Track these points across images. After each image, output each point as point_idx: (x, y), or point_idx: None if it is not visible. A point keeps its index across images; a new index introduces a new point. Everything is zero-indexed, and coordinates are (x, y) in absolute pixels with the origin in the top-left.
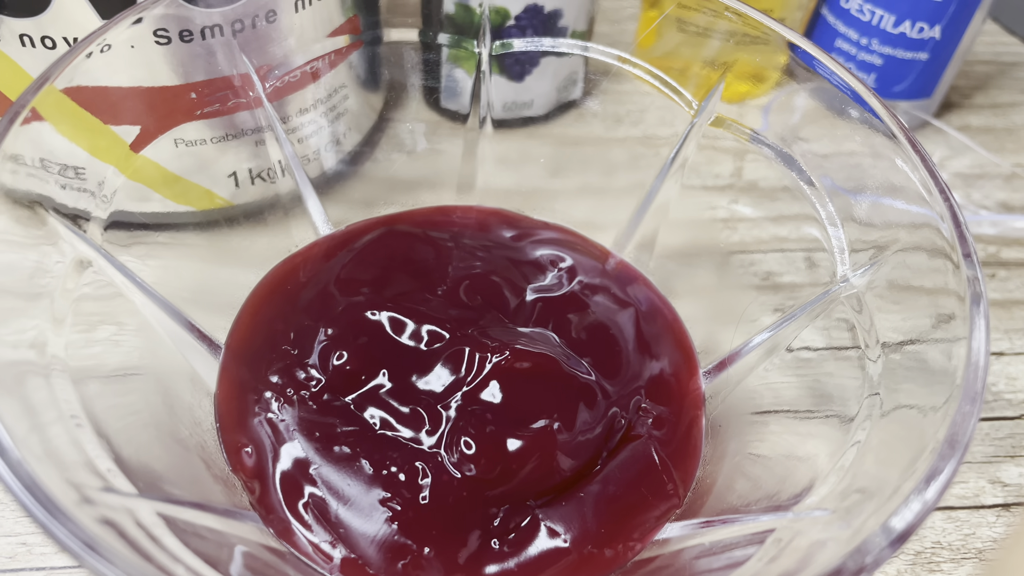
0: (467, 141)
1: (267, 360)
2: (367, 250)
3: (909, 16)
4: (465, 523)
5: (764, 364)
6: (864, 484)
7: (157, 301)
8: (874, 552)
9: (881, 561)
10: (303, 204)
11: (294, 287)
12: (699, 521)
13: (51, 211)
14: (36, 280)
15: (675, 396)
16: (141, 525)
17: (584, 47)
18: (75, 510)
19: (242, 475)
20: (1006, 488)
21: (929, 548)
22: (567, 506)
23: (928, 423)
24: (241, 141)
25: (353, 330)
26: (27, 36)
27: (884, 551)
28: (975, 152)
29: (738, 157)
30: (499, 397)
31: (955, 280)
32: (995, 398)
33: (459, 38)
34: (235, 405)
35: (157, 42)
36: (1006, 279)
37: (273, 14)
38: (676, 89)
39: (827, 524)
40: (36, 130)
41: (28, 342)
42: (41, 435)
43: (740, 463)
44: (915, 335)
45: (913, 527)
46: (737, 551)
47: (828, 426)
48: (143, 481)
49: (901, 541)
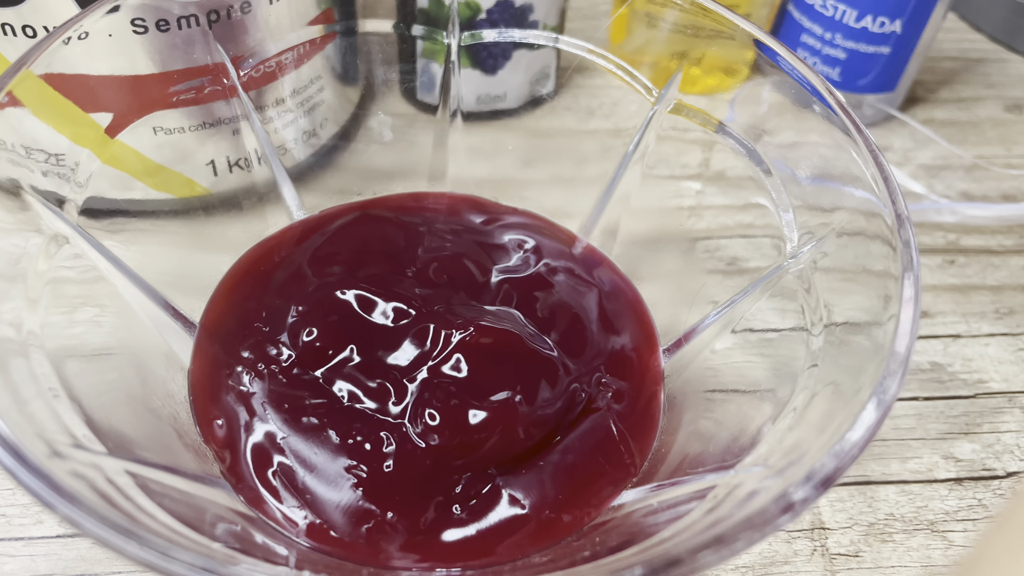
0: (437, 132)
1: (239, 337)
2: (339, 233)
3: (871, 11)
4: (428, 490)
5: (720, 340)
6: (799, 442)
7: (136, 283)
8: (798, 495)
9: (808, 501)
10: (278, 192)
11: (267, 268)
12: (652, 486)
13: (30, 189)
14: (16, 264)
15: (635, 372)
16: (111, 481)
17: (554, 38)
18: (46, 462)
19: (213, 446)
20: (959, 463)
21: (883, 519)
22: (527, 474)
23: (860, 390)
24: (218, 130)
25: (323, 307)
26: (8, 25)
27: (810, 491)
28: (938, 144)
29: (706, 148)
30: (463, 371)
31: (895, 264)
32: (951, 378)
33: (430, 30)
34: (208, 379)
35: (135, 31)
36: (965, 265)
37: (248, 5)
38: (642, 81)
39: (762, 477)
40: (15, 116)
41: (8, 321)
42: (19, 404)
43: (692, 432)
44: (857, 314)
45: (837, 472)
46: (682, 507)
47: (774, 397)
48: (113, 443)
49: (823, 486)
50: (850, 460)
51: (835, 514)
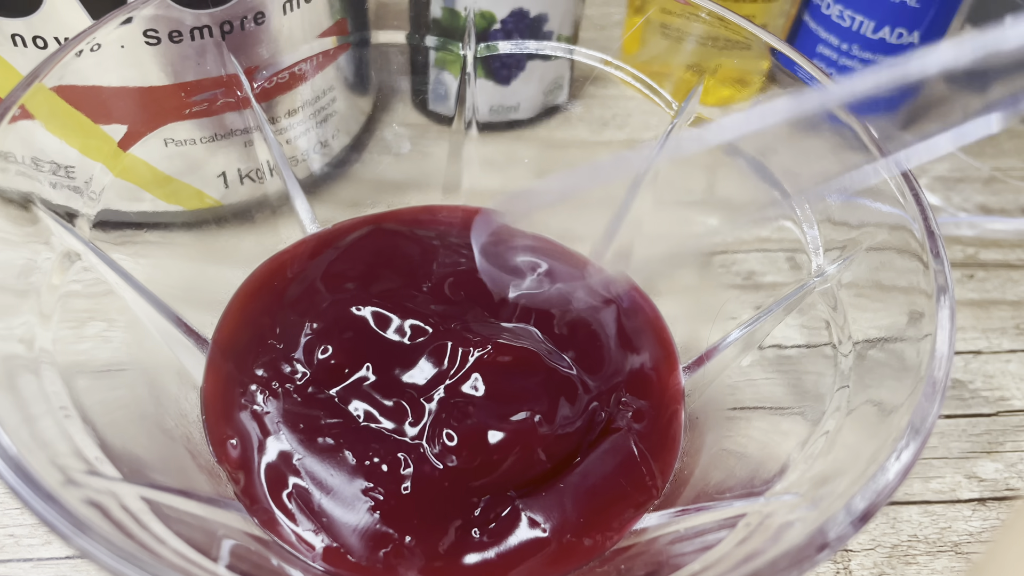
0: (452, 144)
1: (253, 354)
2: (353, 247)
3: (888, 22)
4: (446, 513)
5: (742, 359)
6: (832, 470)
7: (147, 297)
8: (837, 529)
9: (844, 538)
10: (291, 204)
11: (280, 283)
12: (676, 510)
13: (41, 205)
14: (26, 277)
15: (655, 390)
16: (126, 508)
17: (569, 50)
18: (60, 490)
19: (227, 466)
20: (982, 483)
21: (906, 541)
22: (547, 496)
23: (893, 413)
24: (230, 141)
25: (338, 324)
26: (19, 36)
27: (846, 528)
28: (955, 156)
29: (722, 162)
30: (481, 390)
31: (925, 280)
32: (972, 395)
33: (445, 40)
34: (221, 398)
35: (147, 42)
36: (984, 279)
37: (262, 16)
38: (659, 92)
39: (795, 507)
40: (27, 128)
41: (18, 337)
42: (30, 425)
43: (717, 455)
44: (886, 332)
45: (874, 507)
46: (710, 535)
47: (801, 418)
48: (128, 467)
49: (863, 520)
50: (889, 493)
51: (858, 535)
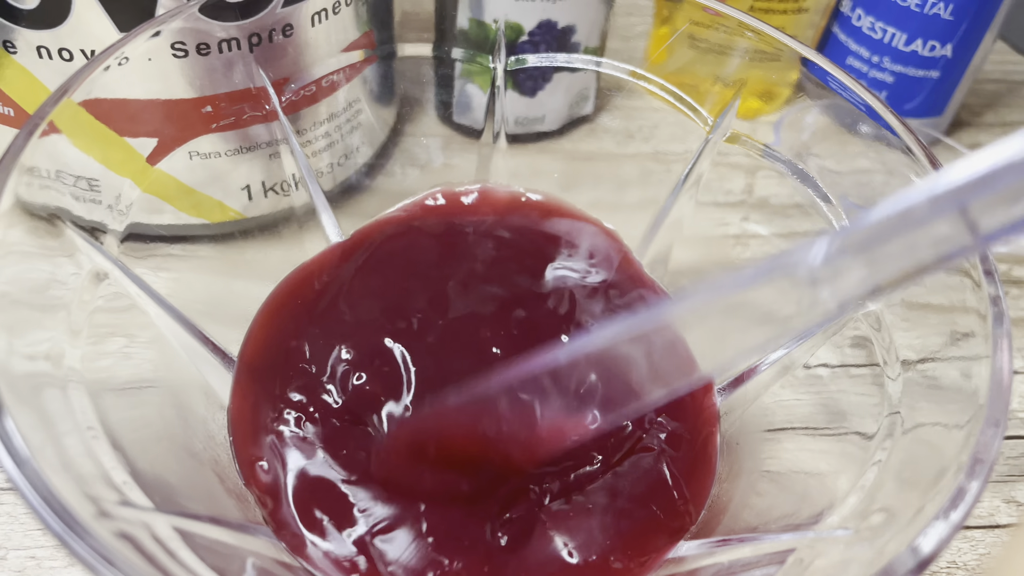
0: (481, 156)
1: (282, 376)
2: (379, 258)
3: (920, 34)
4: (472, 537)
5: (780, 381)
6: (886, 504)
7: (171, 313)
8: (902, 571)
9: None
10: (317, 217)
11: (307, 299)
12: (715, 540)
13: (68, 222)
14: (51, 291)
15: (689, 413)
16: (158, 539)
17: (597, 62)
18: (93, 524)
19: (255, 489)
20: (1020, 507)
21: (944, 568)
22: (576, 520)
23: (950, 443)
24: (255, 154)
25: (369, 350)
26: (44, 48)
27: (910, 573)
28: None
29: (750, 174)
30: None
31: (974, 297)
32: (1010, 416)
33: (473, 53)
34: (249, 419)
35: (174, 55)
36: (1019, 297)
37: (290, 28)
38: (690, 104)
39: (849, 544)
40: (52, 142)
41: (44, 353)
42: (57, 447)
43: (756, 481)
44: (934, 353)
45: (939, 549)
46: (757, 571)
47: (845, 444)
48: (159, 495)
49: (927, 563)
50: (955, 531)
51: None
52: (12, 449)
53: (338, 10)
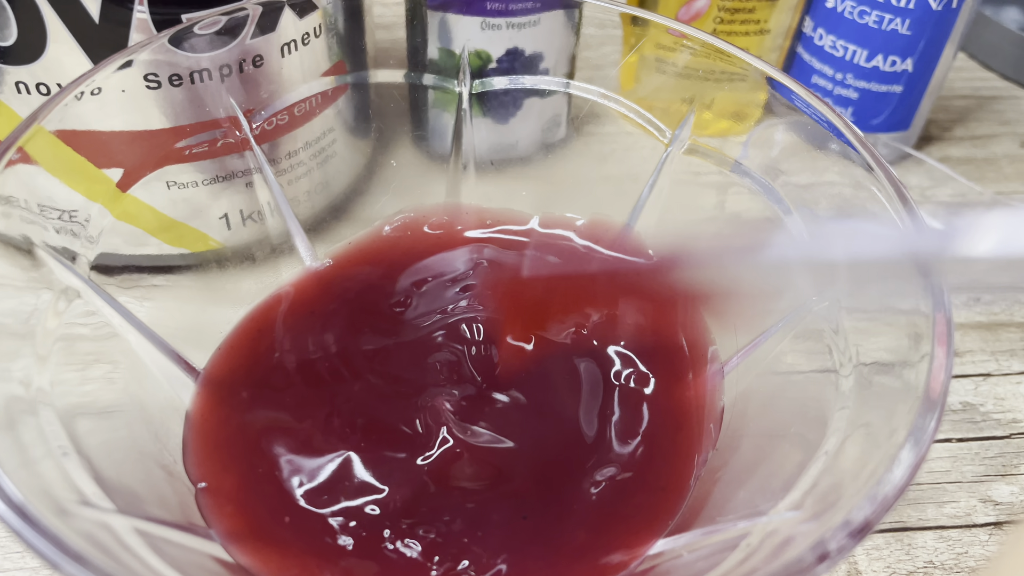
0: (450, 182)
1: (248, 391)
2: (351, 292)
3: (881, 50)
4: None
5: (744, 384)
6: (833, 488)
7: (149, 337)
8: (837, 540)
9: (845, 549)
10: (292, 244)
11: (274, 326)
12: (684, 535)
13: (45, 248)
14: (29, 321)
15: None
16: (120, 541)
17: (565, 83)
18: (53, 520)
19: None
20: (997, 507)
21: (922, 568)
22: (556, 519)
23: (894, 432)
24: (231, 183)
25: (332, 377)
26: (23, 83)
27: (846, 540)
28: (956, 181)
29: (720, 190)
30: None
31: (924, 302)
32: (984, 418)
33: (441, 78)
34: (213, 432)
35: (147, 86)
36: (991, 303)
37: (260, 59)
38: (652, 122)
39: (797, 523)
40: (28, 172)
41: (18, 379)
42: (28, 464)
43: (728, 480)
44: (887, 354)
45: (872, 519)
46: (713, 557)
47: (802, 440)
48: (123, 500)
49: (863, 531)
50: (888, 504)
51: (872, 563)
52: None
53: (307, 41)
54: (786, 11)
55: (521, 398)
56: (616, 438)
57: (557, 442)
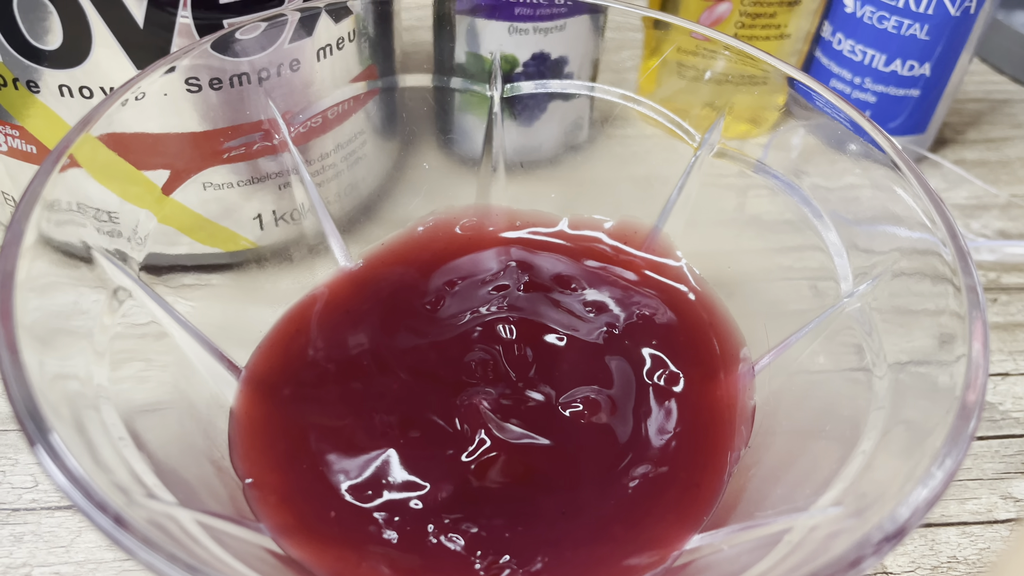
0: (480, 184)
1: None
2: (384, 291)
3: (899, 55)
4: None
5: (775, 383)
6: (872, 487)
7: (193, 334)
8: (881, 535)
9: (885, 549)
10: (326, 243)
11: (311, 325)
12: (721, 531)
13: (97, 249)
14: (86, 320)
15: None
16: (185, 531)
17: (591, 87)
18: (126, 510)
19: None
20: (1018, 503)
21: (946, 563)
22: (594, 515)
23: (931, 432)
24: (265, 184)
25: (373, 373)
26: (66, 87)
27: (891, 536)
28: (972, 183)
29: (741, 192)
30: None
31: (957, 303)
32: (1003, 416)
33: (471, 82)
34: (253, 427)
35: (188, 90)
36: (1007, 303)
37: (297, 63)
38: (680, 125)
39: (840, 519)
40: (73, 176)
41: (79, 377)
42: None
43: (762, 477)
44: (919, 355)
45: (915, 518)
46: (754, 553)
47: (839, 439)
48: (182, 494)
49: (903, 532)
50: (931, 503)
51: (897, 558)
52: (62, 464)
53: (342, 46)
54: (806, 16)
55: (556, 396)
56: (649, 436)
57: (592, 440)
